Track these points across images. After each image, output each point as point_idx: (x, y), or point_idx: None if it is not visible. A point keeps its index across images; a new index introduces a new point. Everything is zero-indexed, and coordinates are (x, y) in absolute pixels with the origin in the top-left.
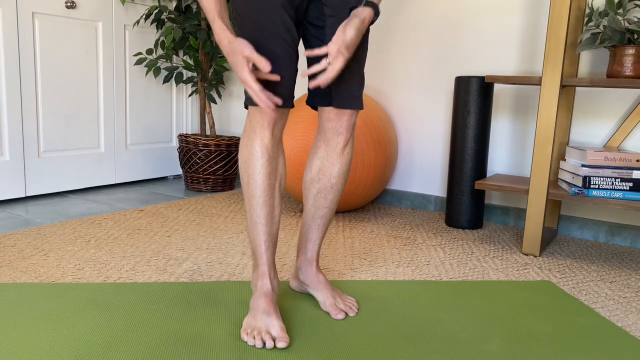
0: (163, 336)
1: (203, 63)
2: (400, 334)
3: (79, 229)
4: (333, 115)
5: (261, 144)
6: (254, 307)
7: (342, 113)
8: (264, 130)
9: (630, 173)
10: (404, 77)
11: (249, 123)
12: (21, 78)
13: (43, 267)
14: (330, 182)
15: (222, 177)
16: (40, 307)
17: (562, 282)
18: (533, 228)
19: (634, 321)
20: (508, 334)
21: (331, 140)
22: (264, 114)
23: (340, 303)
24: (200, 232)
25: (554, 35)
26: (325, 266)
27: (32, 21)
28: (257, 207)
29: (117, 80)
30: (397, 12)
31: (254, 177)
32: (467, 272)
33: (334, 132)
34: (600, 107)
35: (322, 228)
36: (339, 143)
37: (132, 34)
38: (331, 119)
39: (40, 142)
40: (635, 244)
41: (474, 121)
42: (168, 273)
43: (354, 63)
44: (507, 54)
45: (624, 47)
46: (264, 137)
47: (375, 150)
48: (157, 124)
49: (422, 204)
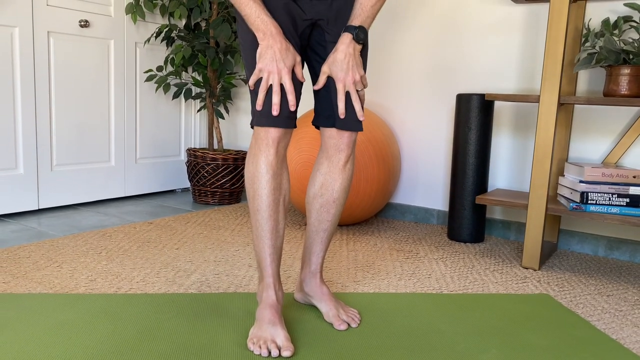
0: (173, 345)
1: (211, 80)
2: (401, 344)
3: (90, 241)
4: (335, 134)
5: (266, 161)
6: (260, 317)
7: (343, 132)
8: (269, 148)
9: (627, 189)
10: (407, 94)
11: (255, 141)
12: (36, 94)
13: (57, 278)
14: (333, 196)
15: (229, 191)
16: (54, 316)
17: (560, 295)
18: (532, 242)
19: (628, 334)
20: (505, 345)
21: (333, 156)
22: (268, 133)
23: (343, 314)
24: (208, 245)
25: (551, 55)
26: (329, 278)
27: (47, 40)
28: (262, 221)
29: (127, 96)
30: (400, 31)
31: (259, 192)
32: (468, 285)
33: (335, 149)
34: (599, 124)
35: (326, 241)
36: (340, 159)
37: (142, 51)
38: (333, 136)
39: (53, 156)
40: (634, 258)
41: (475, 137)
42: (177, 284)
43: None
44: (508, 72)
45: (619, 67)
46: (268, 155)
47: (378, 164)
48: (166, 139)
49: (425, 217)
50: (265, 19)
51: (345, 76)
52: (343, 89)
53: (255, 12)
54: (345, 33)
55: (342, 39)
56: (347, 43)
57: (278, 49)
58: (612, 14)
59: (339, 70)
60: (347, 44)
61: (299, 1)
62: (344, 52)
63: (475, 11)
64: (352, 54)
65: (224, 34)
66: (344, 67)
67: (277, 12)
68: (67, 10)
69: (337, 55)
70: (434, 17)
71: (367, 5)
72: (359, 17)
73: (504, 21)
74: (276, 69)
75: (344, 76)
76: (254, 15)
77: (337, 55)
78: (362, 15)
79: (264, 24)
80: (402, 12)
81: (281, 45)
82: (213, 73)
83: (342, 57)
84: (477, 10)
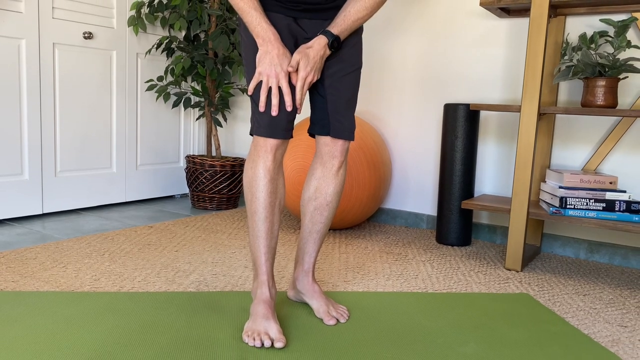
0: (173, 338)
1: (210, 89)
2: (386, 338)
3: (93, 243)
4: (329, 141)
5: (264, 166)
6: (254, 312)
7: (337, 140)
8: (267, 154)
9: (604, 194)
10: (398, 103)
11: (254, 148)
12: (41, 103)
13: (63, 277)
14: (326, 200)
15: (226, 196)
16: (62, 312)
17: (539, 294)
18: (514, 245)
19: (599, 329)
20: (483, 339)
21: (327, 162)
22: (267, 141)
23: (332, 311)
24: (206, 247)
25: (531, 68)
26: (321, 278)
27: (52, 51)
28: (259, 222)
29: (129, 105)
30: (391, 42)
31: (257, 195)
32: (452, 285)
33: (329, 156)
34: (580, 133)
35: (318, 242)
36: (334, 165)
37: (144, 62)
38: (327, 144)
39: (57, 162)
40: (613, 261)
41: (462, 145)
42: (177, 284)
43: (348, 100)
44: (494, 83)
45: (595, 79)
46: (266, 161)
47: (369, 171)
48: (166, 146)
49: (415, 222)
50: (265, 26)
51: (306, 74)
52: (301, 85)
53: (255, 20)
54: (322, 35)
55: (319, 39)
56: (322, 45)
57: (276, 54)
58: (590, 28)
59: (304, 65)
60: (321, 46)
61: (300, 21)
62: (316, 51)
63: (463, 24)
64: (321, 57)
65: (222, 46)
66: (309, 65)
67: (282, 33)
68: (72, 22)
69: (310, 51)
70: (424, 30)
71: (350, 19)
72: (339, 26)
73: (490, 34)
74: (274, 73)
75: (304, 74)
76: (255, 22)
77: (309, 52)
78: (343, 26)
79: (264, 31)
80: (394, 25)
81: (278, 51)
82: (211, 83)
83: (312, 55)
84: (464, 23)
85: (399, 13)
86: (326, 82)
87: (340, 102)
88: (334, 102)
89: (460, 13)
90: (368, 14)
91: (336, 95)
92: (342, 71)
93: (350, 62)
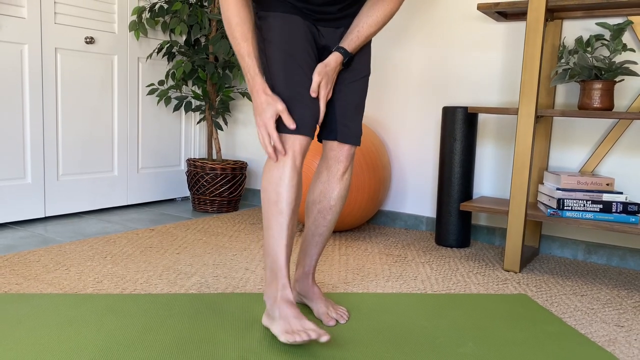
0: (175, 338)
1: (210, 93)
2: (384, 338)
3: (95, 246)
4: (335, 146)
5: (293, 166)
6: (283, 314)
7: (343, 145)
8: (297, 155)
9: (601, 196)
10: (396, 107)
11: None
12: (44, 107)
13: (66, 280)
14: (330, 203)
15: (227, 199)
16: (65, 313)
17: (537, 295)
18: (513, 246)
19: (596, 329)
20: (481, 339)
21: (332, 167)
22: (295, 142)
23: (332, 312)
24: (207, 250)
25: (528, 71)
26: (321, 280)
27: (55, 56)
28: (283, 224)
29: (130, 109)
30: (391, 47)
31: (283, 195)
32: (451, 286)
33: (335, 160)
34: (577, 135)
35: (320, 245)
36: (339, 170)
37: (145, 66)
38: (334, 148)
39: (59, 166)
40: (610, 262)
41: (460, 147)
42: (178, 285)
43: (356, 106)
44: (492, 86)
45: (592, 81)
46: (296, 161)
47: (369, 173)
48: (167, 149)
49: (414, 224)
50: (253, 75)
51: (327, 92)
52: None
53: (246, 67)
54: (337, 53)
55: (335, 57)
56: (338, 63)
57: (259, 103)
58: (586, 32)
59: (325, 84)
60: (337, 63)
61: (319, 25)
62: (332, 68)
63: (461, 28)
64: (334, 72)
65: (222, 50)
66: (329, 84)
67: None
68: (74, 27)
69: (329, 71)
70: (422, 34)
71: (364, 34)
72: (354, 43)
73: (488, 38)
74: (262, 123)
75: (325, 93)
76: (245, 69)
77: (328, 71)
78: (357, 42)
79: (252, 80)
80: (392, 29)
81: (260, 100)
82: (212, 87)
83: (331, 74)
84: (463, 27)
85: (398, 18)
86: (336, 88)
87: (349, 107)
88: (343, 108)
89: (458, 17)
90: (379, 28)
91: (345, 100)
92: (352, 78)
93: (359, 70)
